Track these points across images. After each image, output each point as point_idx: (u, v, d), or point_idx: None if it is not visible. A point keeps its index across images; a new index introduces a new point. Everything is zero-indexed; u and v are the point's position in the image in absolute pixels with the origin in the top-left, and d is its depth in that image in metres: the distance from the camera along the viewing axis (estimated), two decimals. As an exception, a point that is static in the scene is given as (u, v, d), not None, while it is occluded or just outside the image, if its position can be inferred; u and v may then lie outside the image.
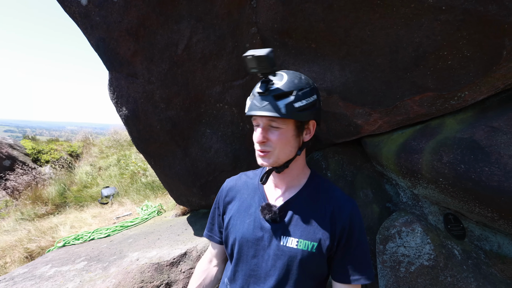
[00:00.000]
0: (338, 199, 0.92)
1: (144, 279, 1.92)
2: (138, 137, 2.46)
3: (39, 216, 5.06)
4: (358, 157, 2.59)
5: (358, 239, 0.89)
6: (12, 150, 7.08)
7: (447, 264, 1.87)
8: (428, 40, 1.55)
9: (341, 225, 0.88)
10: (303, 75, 0.92)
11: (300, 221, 0.90)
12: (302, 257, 0.86)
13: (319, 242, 0.87)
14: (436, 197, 2.00)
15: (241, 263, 0.96)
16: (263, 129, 0.88)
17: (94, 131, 9.97)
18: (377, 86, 1.88)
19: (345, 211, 0.89)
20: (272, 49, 0.81)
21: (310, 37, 1.91)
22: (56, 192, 5.56)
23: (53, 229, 4.27)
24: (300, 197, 0.94)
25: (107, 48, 2.20)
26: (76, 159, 7.66)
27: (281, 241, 0.89)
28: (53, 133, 11.58)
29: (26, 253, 3.95)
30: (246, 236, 0.95)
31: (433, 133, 1.92)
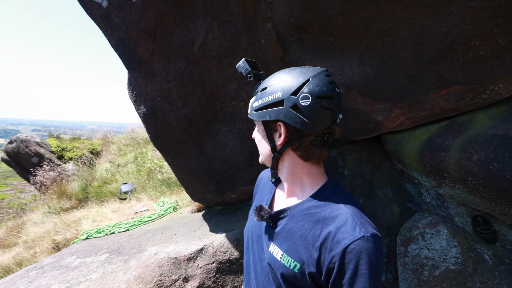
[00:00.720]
0: (340, 224, 0.71)
1: (162, 272, 1.95)
2: (155, 134, 2.47)
3: (64, 210, 5.27)
4: (377, 155, 2.47)
5: (352, 284, 0.66)
6: (39, 147, 7.43)
7: (476, 269, 1.73)
8: (457, 29, 1.43)
9: (331, 257, 0.69)
10: (287, 72, 0.80)
11: (290, 234, 0.79)
12: (284, 272, 0.77)
13: (302, 264, 0.74)
14: (464, 198, 1.86)
15: (246, 254, 0.98)
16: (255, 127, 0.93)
17: (113, 129, 10.26)
18: (399, 81, 1.77)
19: (342, 242, 0.68)
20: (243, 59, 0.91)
21: (328, 31, 1.82)
22: (79, 188, 5.78)
23: (77, 222, 4.43)
24: (298, 209, 0.81)
25: (126, 48, 2.22)
26: (97, 156, 7.93)
27: (270, 248, 0.84)
28: (75, 132, 12.05)
29: (53, 244, 4.13)
30: (252, 231, 0.96)
31: (461, 129, 1.78)
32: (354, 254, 0.66)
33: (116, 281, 1.88)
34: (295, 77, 0.78)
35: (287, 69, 0.83)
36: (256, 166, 2.41)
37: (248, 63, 0.91)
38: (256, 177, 1.14)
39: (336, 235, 0.69)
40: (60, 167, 6.77)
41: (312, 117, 0.75)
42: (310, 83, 0.75)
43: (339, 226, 0.71)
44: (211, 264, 2.09)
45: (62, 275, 2.08)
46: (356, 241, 0.67)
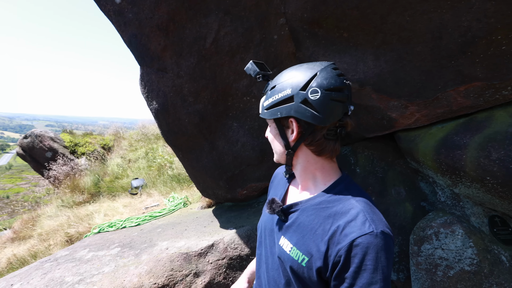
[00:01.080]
0: (350, 218, 0.71)
1: (173, 267, 1.98)
2: (167, 130, 2.50)
3: (77, 204, 5.41)
4: (390, 152, 2.43)
5: (355, 278, 0.66)
6: (53, 142, 7.63)
7: (492, 271, 1.70)
8: (478, 23, 1.39)
9: (337, 250, 0.69)
10: (297, 69, 0.81)
11: (300, 228, 0.81)
12: (292, 265, 0.78)
13: (310, 258, 0.74)
14: (480, 198, 1.82)
15: (259, 248, 1.00)
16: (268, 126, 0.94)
17: (124, 125, 10.41)
18: (416, 77, 1.73)
19: (349, 236, 0.68)
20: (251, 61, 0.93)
21: (342, 26, 1.79)
22: (91, 182, 5.92)
23: (89, 216, 4.54)
24: (310, 203, 0.83)
25: (139, 44, 2.24)
26: (108, 151, 8.10)
27: (280, 241, 0.86)
28: (87, 127, 12.35)
29: (67, 237, 4.25)
30: (264, 225, 0.98)
31: (480, 127, 1.73)
32: (360, 248, 0.66)
33: (128, 275, 1.92)
34: (303, 73, 0.79)
35: (295, 66, 0.84)
36: (267, 162, 2.41)
37: (256, 65, 0.93)
38: (267, 174, 1.21)
39: (344, 229, 0.70)
40: (73, 161, 6.95)
41: (323, 110, 0.75)
42: (318, 77, 0.76)
43: (349, 221, 0.71)
44: (221, 260, 2.11)
45: (75, 268, 2.14)
46: (364, 235, 0.67)
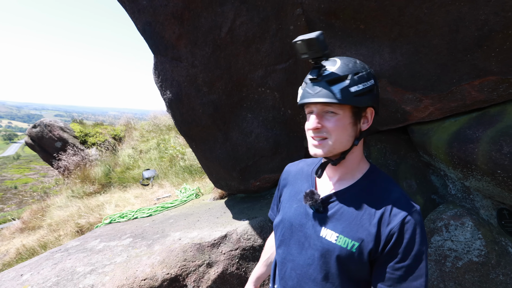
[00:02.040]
0: (394, 201, 0.82)
1: (186, 258, 2.03)
2: (181, 120, 2.57)
3: (87, 194, 5.57)
4: (402, 145, 2.49)
5: (408, 250, 0.77)
6: (63, 132, 7.82)
7: (499, 262, 1.77)
8: (496, 17, 1.43)
9: (389, 229, 0.79)
10: (358, 60, 0.87)
11: (344, 216, 0.86)
12: (340, 254, 0.82)
13: (361, 242, 0.81)
14: (490, 191, 1.88)
15: (283, 245, 0.97)
16: (317, 115, 0.84)
17: (135, 116, 10.54)
18: (431, 70, 1.78)
19: (398, 216, 0.79)
20: (322, 32, 0.77)
21: (359, 18, 1.85)
22: (102, 173, 6.07)
23: (100, 207, 4.66)
24: (350, 192, 0.89)
25: (153, 32, 2.28)
26: (119, 142, 8.26)
27: (322, 232, 0.87)
28: (97, 118, 12.52)
29: (77, 227, 4.35)
30: (291, 221, 0.96)
31: (492, 121, 1.79)
32: (410, 224, 0.78)
33: (140, 265, 1.95)
34: (365, 64, 0.88)
35: (348, 57, 0.89)
36: (280, 154, 2.48)
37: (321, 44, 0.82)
38: (280, 166, 1.21)
39: (392, 210, 0.80)
40: (83, 152, 7.12)
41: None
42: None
43: (394, 202, 0.82)
44: (234, 250, 2.17)
45: (86, 258, 2.17)
46: (411, 214, 0.79)
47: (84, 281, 1.88)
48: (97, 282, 1.86)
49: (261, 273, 1.21)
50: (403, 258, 0.77)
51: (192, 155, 5.53)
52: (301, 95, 0.88)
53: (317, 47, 0.78)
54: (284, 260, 0.96)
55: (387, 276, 0.79)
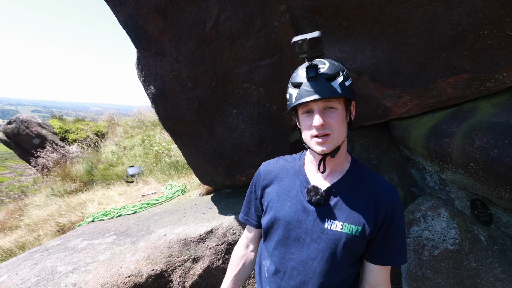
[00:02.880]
0: (381, 186, 0.96)
1: (172, 253, 2.06)
2: (165, 116, 2.57)
3: (68, 193, 5.45)
4: (384, 140, 2.61)
5: (398, 225, 0.94)
6: (41, 129, 7.57)
7: (472, 249, 1.90)
8: (468, 18, 1.53)
9: (384, 211, 0.92)
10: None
11: (344, 205, 0.93)
12: (347, 240, 0.90)
13: (363, 226, 0.91)
14: (464, 182, 2.01)
15: (281, 246, 0.98)
16: (320, 113, 0.87)
17: (119, 112, 10.30)
18: (410, 67, 1.88)
19: (388, 198, 0.93)
20: (320, 32, 0.82)
21: (342, 15, 1.91)
22: (84, 170, 5.94)
23: (82, 205, 4.58)
24: (344, 182, 0.97)
25: (135, 26, 2.26)
26: (102, 138, 8.09)
27: (326, 224, 0.92)
28: (78, 114, 12.14)
29: (58, 227, 4.26)
30: (287, 219, 0.97)
31: (466, 116, 1.91)
32: (397, 203, 0.95)
33: (124, 262, 1.96)
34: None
35: (329, 58, 0.96)
36: (266, 149, 2.54)
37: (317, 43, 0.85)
38: (266, 160, 1.16)
39: (382, 194, 0.94)
40: (64, 149, 6.93)
41: None
42: None
43: (381, 187, 0.96)
44: (220, 245, 2.22)
45: (68, 257, 2.15)
46: (396, 194, 0.96)
47: (66, 280, 1.86)
48: (79, 280, 1.85)
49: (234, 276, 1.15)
50: (397, 231, 0.94)
51: (178, 151, 5.51)
52: (298, 95, 0.89)
53: (319, 47, 0.83)
54: (282, 260, 0.98)
55: (386, 248, 0.94)
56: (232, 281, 1.14)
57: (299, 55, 0.86)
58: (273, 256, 1.00)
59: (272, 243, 1.01)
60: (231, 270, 1.16)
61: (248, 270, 1.18)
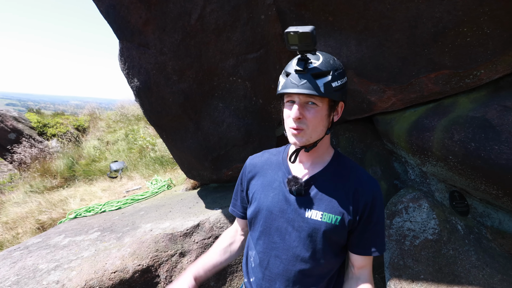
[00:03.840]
0: (361, 177, 0.98)
1: (158, 248, 2.06)
2: (150, 109, 2.54)
3: (48, 189, 5.28)
4: (368, 134, 2.68)
5: (378, 216, 0.97)
6: (17, 123, 7.25)
7: (450, 238, 2.00)
8: (449, 15, 1.58)
9: (364, 201, 0.95)
10: (334, 57, 0.95)
11: (324, 195, 0.97)
12: (326, 229, 0.93)
13: (342, 216, 0.94)
14: (444, 175, 2.10)
15: (264, 236, 1.02)
16: (300, 106, 0.89)
17: (100, 105, 10.00)
18: (393, 63, 1.93)
19: (368, 189, 0.96)
20: (315, 27, 0.81)
21: (328, 10, 1.93)
22: (65, 166, 5.76)
23: (63, 202, 4.47)
24: (325, 174, 1.00)
25: (117, 16, 2.20)
26: (83, 133, 7.84)
27: (306, 214, 0.96)
28: (57, 107, 11.71)
29: (38, 224, 4.14)
30: (270, 209, 1.00)
31: (446, 111, 1.99)
32: (378, 194, 0.97)
33: (110, 258, 1.95)
34: (340, 63, 0.96)
35: (326, 52, 0.96)
36: (252, 143, 2.55)
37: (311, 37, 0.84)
38: (252, 154, 1.19)
39: (362, 185, 0.97)
40: (42, 144, 6.68)
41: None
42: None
43: (361, 178, 0.98)
44: (207, 239, 2.24)
45: (50, 254, 2.11)
46: (376, 186, 0.98)
47: (48, 278, 1.83)
48: (62, 277, 1.82)
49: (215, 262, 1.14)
50: (377, 221, 0.97)
51: (163, 145, 5.44)
52: (284, 84, 0.91)
53: (309, 41, 0.83)
54: (266, 249, 1.01)
55: (367, 239, 0.97)
56: (220, 253, 1.17)
57: (290, 46, 0.86)
58: (257, 246, 1.04)
59: (256, 233, 1.05)
60: (218, 244, 1.20)
61: (235, 250, 1.21)
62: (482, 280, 1.79)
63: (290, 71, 0.91)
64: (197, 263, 1.13)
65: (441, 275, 1.88)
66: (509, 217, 2.05)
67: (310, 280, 0.97)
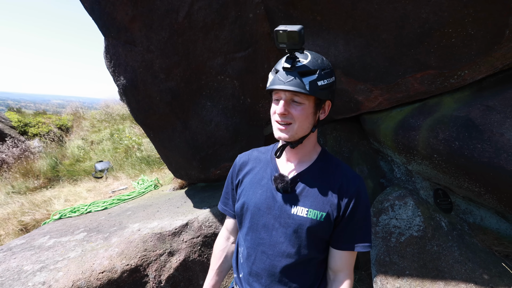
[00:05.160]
0: (346, 174, 1.00)
1: (147, 248, 2.03)
2: (137, 108, 2.47)
3: (31, 190, 5.09)
4: (355, 134, 2.69)
5: (362, 212, 0.97)
6: (-3, 122, 6.95)
7: (434, 235, 2.04)
8: (434, 16, 1.60)
9: (348, 197, 0.96)
10: (323, 57, 0.97)
11: (310, 192, 0.98)
12: (311, 225, 0.95)
13: (327, 212, 0.95)
14: (428, 173, 2.14)
15: (252, 232, 1.03)
16: (286, 102, 0.91)
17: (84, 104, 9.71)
18: (380, 62, 1.94)
19: (353, 185, 0.97)
20: (303, 26, 0.84)
21: (316, 9, 1.92)
22: (48, 166, 5.56)
23: (47, 202, 4.33)
24: (311, 171, 1.02)
25: (102, 12, 2.14)
26: (67, 133, 7.58)
27: (292, 210, 0.97)
28: (39, 106, 11.30)
29: (21, 225, 4.01)
30: (258, 206, 1.02)
31: (431, 111, 2.01)
32: (362, 189, 0.99)
33: (97, 258, 1.92)
34: (329, 63, 0.97)
35: (315, 52, 0.97)
36: (240, 142, 2.52)
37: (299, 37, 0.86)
38: (240, 153, 1.20)
39: (346, 181, 0.99)
40: (24, 143, 6.41)
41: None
42: None
43: (346, 175, 1.00)
44: (196, 238, 2.22)
45: (35, 256, 2.06)
46: (360, 183, 0.99)
47: (34, 279, 1.78)
48: (49, 278, 1.77)
49: (215, 283, 1.19)
50: (361, 217, 0.98)
51: (150, 145, 5.34)
52: (272, 80, 0.94)
53: (297, 40, 0.84)
54: (253, 245, 1.03)
55: (348, 234, 0.98)
56: (215, 273, 1.20)
57: (279, 44, 0.88)
58: (246, 242, 1.06)
59: (244, 229, 1.07)
60: (214, 263, 1.21)
61: (230, 261, 1.24)
62: (464, 274, 1.83)
63: (279, 69, 0.92)
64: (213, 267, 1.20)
65: (425, 271, 1.91)
66: (490, 214, 2.10)
67: (295, 276, 0.99)
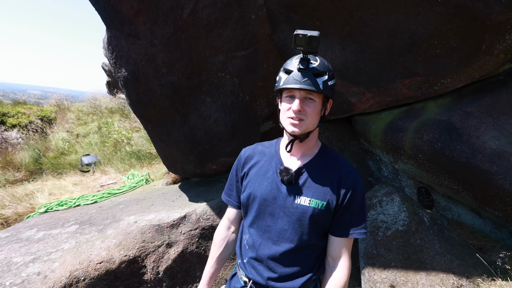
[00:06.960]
0: (344, 167, 1.13)
1: (145, 239, 2.10)
2: (136, 100, 2.54)
3: (11, 183, 4.96)
4: (346, 134, 2.90)
5: (358, 201, 1.10)
6: (-29, 111, 6.68)
7: (417, 229, 2.25)
8: (422, 28, 1.81)
9: (346, 187, 1.08)
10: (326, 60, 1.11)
11: (312, 183, 1.10)
12: (313, 213, 1.07)
13: (327, 201, 1.07)
14: (413, 172, 2.36)
15: (258, 220, 1.15)
16: (301, 100, 1.03)
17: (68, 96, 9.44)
18: (373, 68, 2.14)
19: (350, 177, 1.10)
20: (320, 32, 0.95)
21: (316, 15, 2.09)
22: (30, 158, 5.42)
23: (30, 196, 4.25)
24: (313, 164, 1.13)
25: (107, 4, 2.20)
26: (50, 124, 7.38)
27: (296, 200, 1.09)
28: (15, 96, 10.82)
29: (1, 219, 3.93)
30: (264, 196, 1.13)
31: (417, 114, 2.24)
32: (359, 181, 1.11)
33: (94, 249, 1.97)
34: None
35: (323, 58, 1.11)
36: (238, 138, 2.65)
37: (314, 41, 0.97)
38: (237, 149, 1.31)
39: (345, 174, 1.11)
40: (2, 134, 6.21)
41: None
42: None
43: (344, 168, 1.13)
44: (194, 230, 2.30)
45: (24, 248, 2.09)
46: (356, 175, 1.12)
47: (27, 270, 1.81)
48: (44, 269, 1.81)
49: (214, 271, 1.28)
50: (357, 206, 1.10)
51: (140, 139, 5.35)
52: (286, 80, 1.04)
53: (315, 44, 0.96)
54: (259, 232, 1.14)
55: (346, 222, 1.10)
56: (215, 261, 1.29)
57: (296, 46, 0.99)
58: (251, 229, 1.17)
59: (250, 217, 1.17)
60: (214, 251, 1.31)
61: (230, 250, 1.33)
62: (443, 265, 2.05)
63: (292, 69, 1.04)
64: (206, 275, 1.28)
65: (409, 262, 2.11)
66: (466, 211, 2.35)
67: (297, 260, 1.12)
